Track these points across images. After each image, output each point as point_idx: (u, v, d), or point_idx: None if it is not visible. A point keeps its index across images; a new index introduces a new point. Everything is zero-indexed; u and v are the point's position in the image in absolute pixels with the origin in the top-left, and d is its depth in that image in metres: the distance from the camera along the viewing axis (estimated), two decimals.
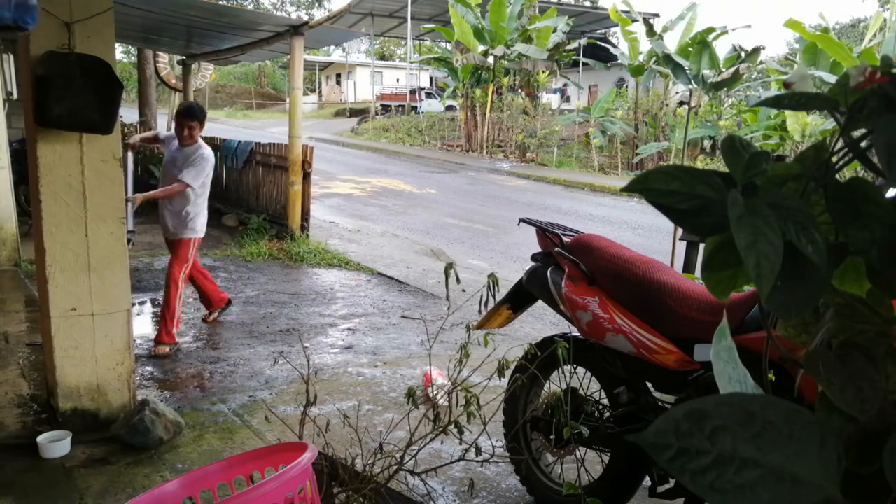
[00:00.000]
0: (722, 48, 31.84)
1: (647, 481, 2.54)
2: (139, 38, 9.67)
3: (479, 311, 2.67)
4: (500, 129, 23.16)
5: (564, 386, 2.64)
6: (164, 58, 12.99)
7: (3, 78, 10.37)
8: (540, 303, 2.86)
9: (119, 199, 3.33)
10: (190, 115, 4.72)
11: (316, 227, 9.02)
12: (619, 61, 22.18)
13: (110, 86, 3.13)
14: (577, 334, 2.66)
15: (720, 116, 18.68)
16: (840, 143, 0.69)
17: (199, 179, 4.68)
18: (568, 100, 31.56)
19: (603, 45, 25.08)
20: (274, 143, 9.05)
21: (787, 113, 14.65)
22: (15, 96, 9.21)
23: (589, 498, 2.32)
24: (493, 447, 2.57)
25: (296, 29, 7.49)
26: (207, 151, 4.75)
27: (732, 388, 0.75)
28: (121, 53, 33.20)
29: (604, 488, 2.57)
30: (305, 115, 20.88)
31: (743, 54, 18.75)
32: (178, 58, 11.86)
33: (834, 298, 0.73)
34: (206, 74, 14.48)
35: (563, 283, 2.59)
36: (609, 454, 2.62)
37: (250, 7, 28.44)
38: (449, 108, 29.82)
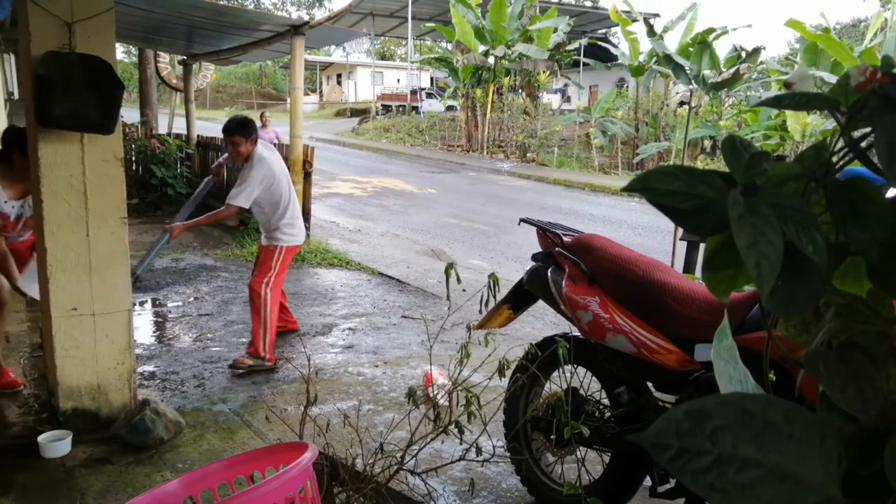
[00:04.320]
0: (722, 48, 31.96)
1: (647, 481, 2.54)
2: (140, 38, 9.67)
3: (480, 311, 2.67)
4: (501, 129, 23.17)
5: (565, 386, 2.64)
6: (164, 58, 12.99)
7: (5, 78, 10.39)
8: (540, 303, 2.86)
9: (120, 198, 3.32)
10: (227, 131, 4.41)
11: (317, 227, 9.02)
12: (620, 61, 22.18)
13: (111, 86, 3.12)
14: (578, 334, 2.66)
15: (720, 116, 18.68)
16: (840, 143, 0.69)
17: (246, 196, 4.33)
18: (568, 100, 31.56)
19: (603, 45, 25.07)
20: (274, 143, 9.06)
21: (788, 113, 14.66)
22: (16, 96, 9.22)
23: (589, 498, 2.31)
24: (494, 447, 2.57)
25: (296, 29, 7.49)
26: (257, 165, 4.38)
27: (733, 387, 0.75)
28: (122, 53, 33.23)
29: (604, 488, 2.57)
30: (306, 115, 20.90)
31: (743, 54, 18.74)
32: (179, 58, 11.86)
33: (834, 298, 0.73)
34: (206, 74, 14.48)
35: (563, 283, 2.59)
36: (609, 454, 2.62)
37: (251, 7, 28.45)
38: (449, 108, 29.82)
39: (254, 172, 4.36)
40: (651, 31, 19.04)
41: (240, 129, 4.39)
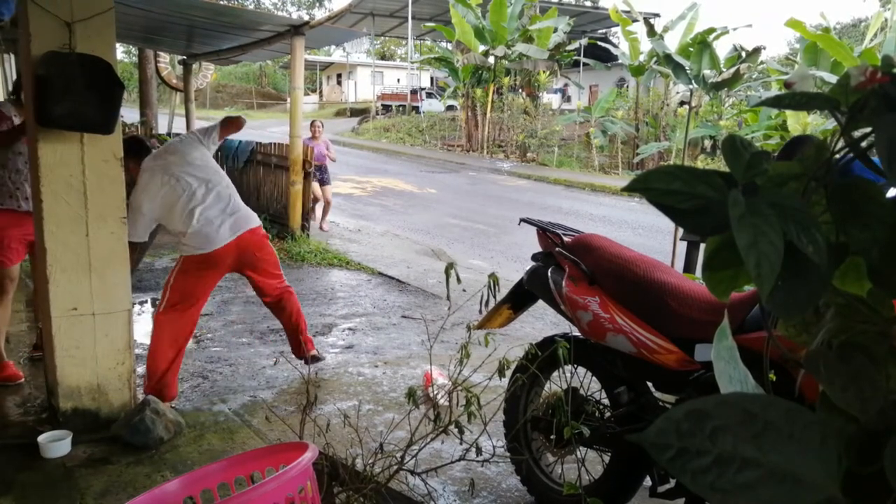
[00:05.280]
0: (722, 48, 31.87)
1: (647, 481, 2.54)
2: (140, 37, 9.67)
3: (480, 311, 2.67)
4: (501, 129, 23.17)
5: (565, 386, 2.63)
6: (164, 58, 13.00)
7: (5, 78, 10.38)
8: (540, 303, 2.86)
9: (120, 198, 3.32)
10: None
11: (317, 227, 9.02)
12: (620, 61, 22.16)
13: (111, 86, 3.12)
14: (578, 334, 2.66)
15: (721, 116, 18.68)
16: (841, 143, 0.69)
17: (133, 228, 3.51)
18: (568, 100, 31.55)
19: (603, 45, 25.05)
20: (275, 143, 9.06)
21: (788, 113, 14.66)
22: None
23: (589, 498, 2.31)
24: (494, 447, 2.57)
25: (297, 29, 7.49)
26: (137, 188, 3.65)
27: (733, 387, 0.75)
28: (122, 53, 33.20)
29: (604, 488, 2.56)
30: (306, 115, 20.85)
31: (743, 54, 18.73)
32: (179, 58, 11.87)
33: (835, 298, 0.73)
34: (206, 74, 14.49)
35: (563, 283, 2.59)
36: (610, 454, 2.62)
37: (251, 7, 28.43)
38: (450, 107, 29.81)
39: (133, 198, 3.58)
40: (651, 31, 19.04)
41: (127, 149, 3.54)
